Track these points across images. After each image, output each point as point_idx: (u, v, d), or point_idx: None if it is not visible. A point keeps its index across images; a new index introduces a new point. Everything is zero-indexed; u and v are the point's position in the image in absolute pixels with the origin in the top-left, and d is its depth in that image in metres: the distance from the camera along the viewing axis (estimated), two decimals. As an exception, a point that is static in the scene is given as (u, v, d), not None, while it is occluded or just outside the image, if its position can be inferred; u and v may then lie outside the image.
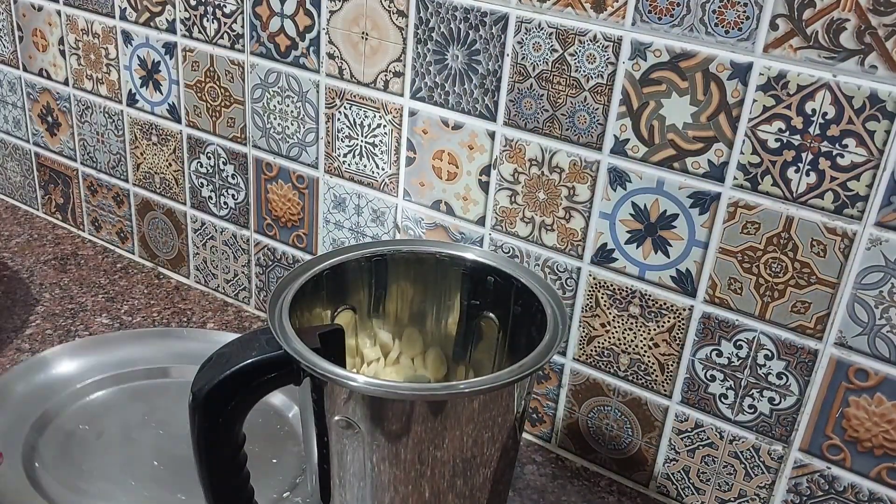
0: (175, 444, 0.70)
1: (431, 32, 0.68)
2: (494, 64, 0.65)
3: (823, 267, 0.57)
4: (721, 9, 0.55)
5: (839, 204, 0.55)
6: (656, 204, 0.62)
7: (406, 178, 0.74)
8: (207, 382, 0.50)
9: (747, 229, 0.59)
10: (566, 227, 0.67)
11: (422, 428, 0.50)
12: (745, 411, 0.64)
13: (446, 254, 0.62)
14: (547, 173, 0.66)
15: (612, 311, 0.67)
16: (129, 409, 0.75)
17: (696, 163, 0.59)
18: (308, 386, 0.51)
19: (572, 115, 0.63)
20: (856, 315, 0.57)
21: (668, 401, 0.67)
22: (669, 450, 0.69)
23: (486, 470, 0.54)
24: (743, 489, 0.66)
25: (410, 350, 0.64)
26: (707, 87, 0.57)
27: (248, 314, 0.91)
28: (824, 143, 0.55)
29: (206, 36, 0.81)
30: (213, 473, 0.53)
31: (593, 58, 0.61)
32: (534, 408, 0.74)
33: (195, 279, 0.95)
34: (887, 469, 0.59)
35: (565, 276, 0.68)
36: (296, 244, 0.85)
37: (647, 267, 0.64)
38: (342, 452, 0.52)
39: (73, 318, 0.87)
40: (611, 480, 0.72)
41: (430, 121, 0.71)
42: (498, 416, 0.52)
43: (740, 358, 0.62)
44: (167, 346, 0.82)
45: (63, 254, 1.00)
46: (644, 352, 0.67)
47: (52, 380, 0.76)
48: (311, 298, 0.58)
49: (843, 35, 0.52)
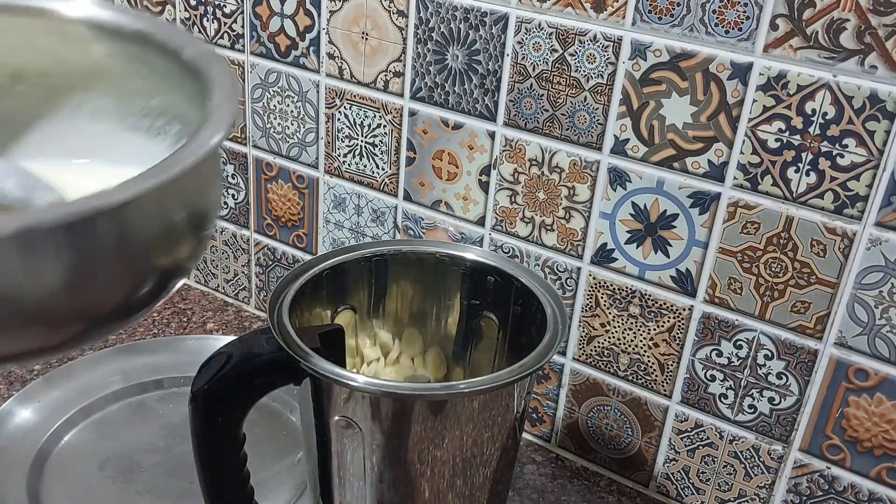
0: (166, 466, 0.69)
1: (431, 32, 0.68)
2: (494, 64, 0.65)
3: (823, 267, 0.57)
4: (721, 9, 0.55)
5: (839, 204, 0.55)
6: (656, 204, 0.62)
7: (406, 178, 0.74)
8: (207, 382, 0.50)
9: (747, 229, 0.59)
10: (566, 227, 0.67)
11: (422, 428, 0.50)
12: (744, 411, 0.64)
13: (446, 254, 0.62)
14: (547, 173, 0.66)
15: (611, 311, 0.67)
16: (110, 440, 0.71)
17: (696, 163, 0.59)
18: (308, 386, 0.51)
19: (572, 115, 0.63)
20: (856, 315, 0.57)
21: (668, 401, 0.67)
22: (669, 450, 0.69)
23: (486, 470, 0.54)
24: (743, 489, 0.66)
25: (410, 350, 0.64)
26: (707, 87, 0.57)
27: (248, 314, 0.91)
28: (824, 143, 0.55)
29: (206, 36, 0.81)
30: (212, 473, 0.53)
31: (593, 58, 0.61)
32: (534, 408, 0.74)
33: (195, 279, 0.95)
34: (887, 469, 0.59)
35: (565, 276, 0.68)
36: (296, 244, 0.85)
37: (647, 267, 0.64)
38: (342, 452, 0.52)
39: (73, 318, 0.87)
40: (610, 480, 0.72)
41: (430, 121, 0.71)
42: (498, 416, 0.52)
43: (740, 358, 0.62)
44: (126, 363, 0.79)
45: (63, 253, 1.00)
46: (644, 352, 0.67)
47: (13, 435, 0.70)
48: (311, 298, 0.58)
49: (843, 35, 0.52)
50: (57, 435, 0.71)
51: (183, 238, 0.42)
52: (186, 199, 0.41)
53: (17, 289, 0.35)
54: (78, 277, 0.36)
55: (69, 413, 0.73)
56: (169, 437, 0.72)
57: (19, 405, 0.73)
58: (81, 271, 0.36)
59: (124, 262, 0.38)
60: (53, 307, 0.37)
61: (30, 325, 0.37)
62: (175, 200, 0.40)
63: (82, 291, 0.37)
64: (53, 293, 0.36)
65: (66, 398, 0.74)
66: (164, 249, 0.41)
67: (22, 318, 0.36)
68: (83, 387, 0.76)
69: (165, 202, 0.39)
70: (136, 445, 0.71)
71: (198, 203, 0.43)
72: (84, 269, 0.36)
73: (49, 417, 0.72)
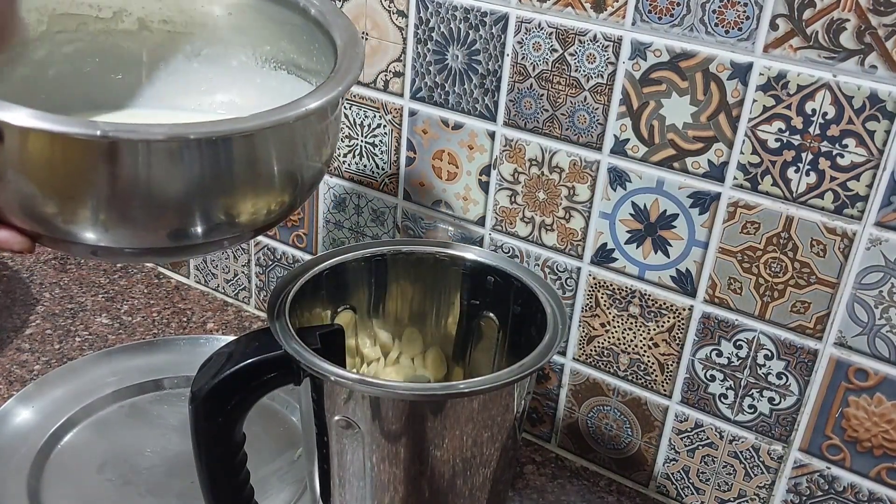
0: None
1: (431, 32, 0.68)
2: (494, 64, 0.65)
3: (823, 267, 0.57)
4: (721, 9, 0.55)
5: (839, 204, 0.55)
6: (656, 204, 0.62)
7: (406, 178, 0.74)
8: (207, 382, 0.50)
9: (747, 229, 0.59)
10: (566, 227, 0.67)
11: (422, 428, 0.50)
12: (744, 411, 0.64)
13: (446, 254, 0.62)
14: (547, 173, 0.66)
15: (611, 311, 0.67)
16: (107, 442, 0.71)
17: (696, 163, 0.59)
18: (308, 386, 0.51)
19: (572, 115, 0.63)
20: (856, 315, 0.57)
21: (668, 401, 0.67)
22: (669, 450, 0.69)
23: (486, 470, 0.54)
24: (743, 489, 0.66)
25: (410, 350, 0.64)
26: (707, 87, 0.57)
27: (248, 314, 0.91)
28: (824, 143, 0.55)
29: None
30: (212, 473, 0.53)
31: (593, 58, 0.61)
32: (534, 408, 0.74)
33: (195, 279, 0.95)
34: (887, 469, 0.59)
35: (565, 276, 0.68)
36: (296, 244, 0.85)
37: (647, 267, 0.64)
38: (342, 452, 0.52)
39: (73, 318, 0.87)
40: (610, 480, 0.72)
41: (430, 121, 0.71)
42: (498, 416, 0.52)
43: (740, 358, 0.62)
44: (126, 363, 0.79)
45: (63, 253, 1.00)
46: (644, 352, 0.67)
47: (13, 435, 0.70)
48: (311, 298, 0.58)
49: (843, 35, 0.52)
50: (57, 435, 0.71)
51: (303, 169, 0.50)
52: (307, 140, 0.49)
53: (163, 187, 0.42)
54: (210, 184, 0.44)
55: (69, 413, 0.73)
56: (169, 438, 0.72)
57: (19, 405, 0.73)
58: (214, 180, 0.44)
59: (250, 180, 0.46)
60: (189, 207, 0.45)
61: (163, 220, 0.45)
62: (298, 136, 0.48)
63: (213, 198, 0.45)
64: (188, 195, 0.44)
65: (66, 398, 0.74)
66: (290, 169, 0.49)
67: (161, 213, 0.44)
68: (83, 387, 0.76)
69: (287, 136, 0.47)
70: (136, 445, 0.71)
71: (323, 141, 0.51)
72: (215, 179, 0.44)
73: (49, 418, 0.72)
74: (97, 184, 0.42)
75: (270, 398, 0.70)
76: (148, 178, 0.42)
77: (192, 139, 0.42)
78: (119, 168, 0.41)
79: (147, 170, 0.41)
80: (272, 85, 0.60)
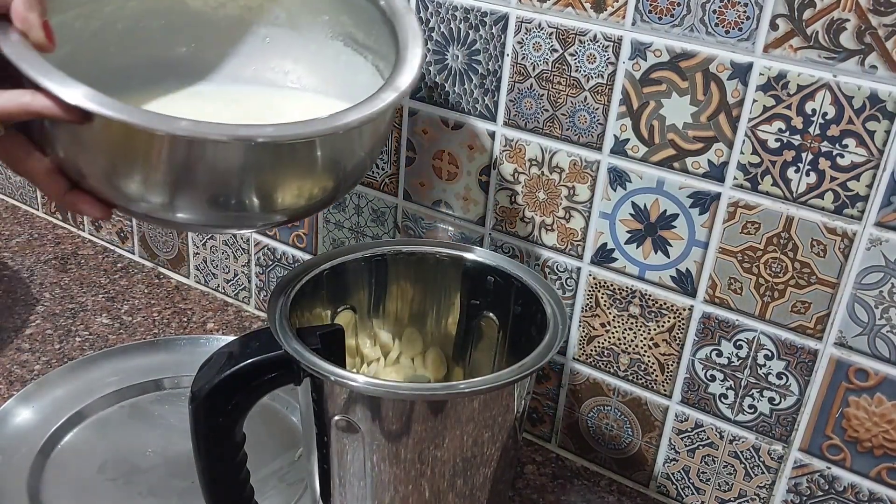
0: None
1: (431, 32, 0.68)
2: (494, 64, 0.65)
3: (823, 267, 0.57)
4: (721, 9, 0.55)
5: (839, 204, 0.55)
6: (656, 204, 0.62)
7: (406, 178, 0.74)
8: (207, 382, 0.50)
9: (747, 229, 0.59)
10: (566, 227, 0.67)
11: (422, 428, 0.50)
12: (745, 411, 0.64)
13: (446, 254, 0.62)
14: (547, 173, 0.66)
15: (612, 311, 0.67)
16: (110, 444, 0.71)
17: (696, 163, 0.59)
18: (308, 386, 0.51)
19: (572, 115, 0.63)
20: (856, 315, 0.57)
21: (668, 401, 0.67)
22: (669, 450, 0.69)
23: (486, 470, 0.54)
24: (743, 489, 0.66)
25: (410, 350, 0.64)
26: (707, 87, 0.57)
27: (248, 314, 0.91)
28: (824, 143, 0.55)
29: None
30: (212, 473, 0.53)
31: (593, 58, 0.61)
32: (534, 408, 0.74)
33: (195, 279, 0.95)
34: (887, 469, 0.59)
35: (565, 276, 0.68)
36: (296, 244, 0.85)
37: (647, 267, 0.64)
38: (342, 452, 0.52)
39: (74, 318, 0.87)
40: (611, 480, 0.72)
41: (430, 121, 0.71)
42: (498, 416, 0.52)
43: (740, 358, 0.62)
44: (126, 363, 0.79)
45: (63, 253, 1.00)
46: (644, 352, 0.67)
47: (13, 435, 0.70)
48: (311, 298, 0.58)
49: (843, 35, 0.52)
50: (57, 435, 0.71)
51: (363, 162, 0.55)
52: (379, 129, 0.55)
53: (226, 177, 0.48)
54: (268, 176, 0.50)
55: (69, 413, 0.73)
56: (169, 438, 0.72)
57: (19, 405, 0.73)
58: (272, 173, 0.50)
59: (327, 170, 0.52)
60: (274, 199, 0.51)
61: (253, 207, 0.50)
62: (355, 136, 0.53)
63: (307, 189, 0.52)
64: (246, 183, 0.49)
65: (67, 398, 0.74)
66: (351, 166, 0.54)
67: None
68: (83, 387, 0.76)
69: (345, 137, 0.52)
70: (136, 445, 0.71)
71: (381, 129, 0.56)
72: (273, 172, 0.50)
73: (49, 418, 0.72)
74: (169, 170, 0.47)
75: (270, 398, 0.71)
76: (213, 167, 0.48)
77: (260, 143, 0.47)
78: (192, 159, 0.47)
79: (213, 162, 0.47)
80: (328, 54, 0.62)
